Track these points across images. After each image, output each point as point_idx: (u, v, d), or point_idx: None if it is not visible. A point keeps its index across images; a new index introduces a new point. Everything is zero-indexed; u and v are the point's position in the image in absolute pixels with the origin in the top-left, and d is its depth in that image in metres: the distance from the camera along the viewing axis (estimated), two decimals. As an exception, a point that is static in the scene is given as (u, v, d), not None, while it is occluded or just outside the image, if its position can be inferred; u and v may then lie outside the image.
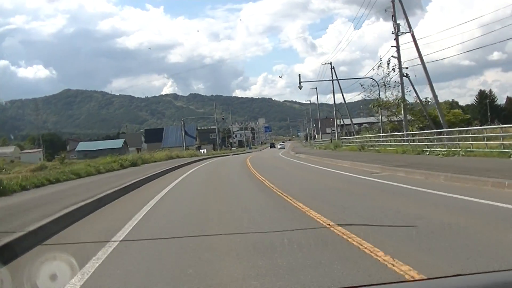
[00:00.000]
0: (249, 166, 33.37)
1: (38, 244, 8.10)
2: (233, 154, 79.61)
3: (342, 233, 7.52)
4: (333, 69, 65.50)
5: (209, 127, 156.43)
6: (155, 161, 43.84)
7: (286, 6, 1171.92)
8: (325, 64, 67.23)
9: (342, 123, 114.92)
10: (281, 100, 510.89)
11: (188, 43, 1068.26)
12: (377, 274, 5.32)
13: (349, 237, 7.14)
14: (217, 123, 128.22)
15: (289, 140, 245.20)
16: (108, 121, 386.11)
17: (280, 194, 13.83)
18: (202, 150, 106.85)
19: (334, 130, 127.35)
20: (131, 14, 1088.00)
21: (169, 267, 6.20)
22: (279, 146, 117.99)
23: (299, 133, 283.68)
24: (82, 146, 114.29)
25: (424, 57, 35.24)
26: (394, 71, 47.57)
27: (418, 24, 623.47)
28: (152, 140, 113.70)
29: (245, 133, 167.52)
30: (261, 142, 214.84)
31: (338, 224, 8.22)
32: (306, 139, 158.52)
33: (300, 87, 58.82)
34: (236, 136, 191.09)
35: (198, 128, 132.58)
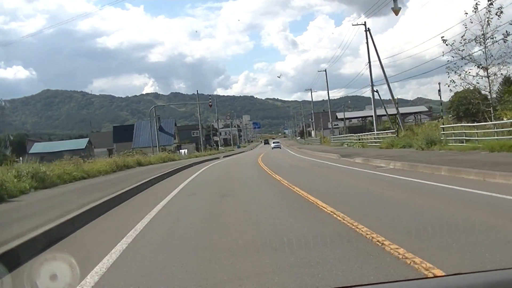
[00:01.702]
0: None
1: None
2: (224, 156, 57.16)
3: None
4: (369, 34, 43.61)
5: (192, 123, 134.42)
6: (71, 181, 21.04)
7: (267, 3, 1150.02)
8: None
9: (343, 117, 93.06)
10: (263, 98, 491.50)
11: (169, 42, 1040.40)
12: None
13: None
14: (200, 117, 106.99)
15: (276, 138, 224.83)
16: (88, 122, 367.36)
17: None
18: (182, 151, 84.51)
19: (336, 125, 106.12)
20: (111, 13, 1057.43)
21: None
22: (273, 145, 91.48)
23: (285, 130, 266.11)
24: (37, 147, 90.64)
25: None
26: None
27: (399, 20, 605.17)
28: (122, 139, 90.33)
29: (231, 131, 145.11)
30: (248, 140, 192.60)
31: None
32: (301, 136, 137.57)
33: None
34: (220, 134, 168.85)
35: (178, 124, 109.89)
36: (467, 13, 29.18)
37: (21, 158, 65.84)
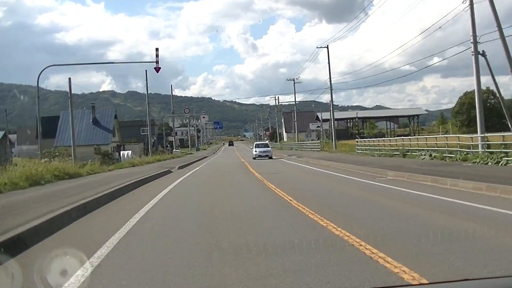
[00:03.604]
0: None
1: None
2: (181, 167, 32.03)
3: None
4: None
5: (142, 119, 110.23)
6: None
7: (228, 5, 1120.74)
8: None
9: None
10: (221, 100, 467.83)
11: (128, 41, 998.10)
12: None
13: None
14: (157, 117, 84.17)
15: (237, 140, 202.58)
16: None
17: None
18: (125, 152, 60.68)
19: (319, 127, 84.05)
20: (71, 9, 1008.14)
21: None
22: (257, 151, 46.85)
23: (246, 133, 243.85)
24: None
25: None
26: None
27: (360, 28, 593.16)
28: (49, 135, 64.95)
29: (189, 131, 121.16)
30: (207, 142, 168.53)
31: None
32: (272, 139, 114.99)
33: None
34: (176, 134, 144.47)
35: (120, 118, 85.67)
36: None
37: None
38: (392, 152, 29.45)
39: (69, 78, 34.86)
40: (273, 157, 43.73)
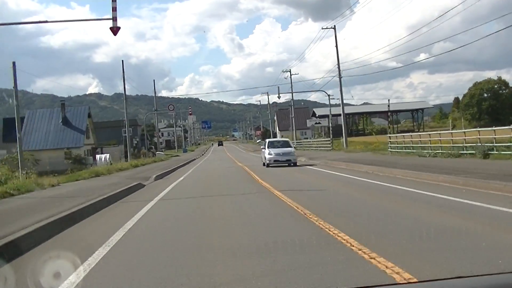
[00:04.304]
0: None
1: None
2: (158, 177, 23.30)
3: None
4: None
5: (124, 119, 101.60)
6: None
7: (213, 5, 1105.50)
8: None
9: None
10: (208, 101, 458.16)
11: (114, 43, 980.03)
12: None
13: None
14: (142, 119, 76.80)
15: (225, 140, 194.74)
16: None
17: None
18: (102, 156, 52.17)
19: (319, 123, 75.66)
20: (56, 12, 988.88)
21: None
22: (273, 154, 28.55)
23: (234, 133, 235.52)
24: None
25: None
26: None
27: (346, 25, 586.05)
28: (13, 138, 55.81)
29: (175, 131, 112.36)
30: (195, 143, 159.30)
31: None
32: (264, 138, 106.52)
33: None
34: (162, 135, 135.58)
35: (97, 118, 76.89)
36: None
37: None
38: (458, 151, 21.07)
39: (13, 62, 25.97)
40: (296, 162, 28.73)
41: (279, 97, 75.62)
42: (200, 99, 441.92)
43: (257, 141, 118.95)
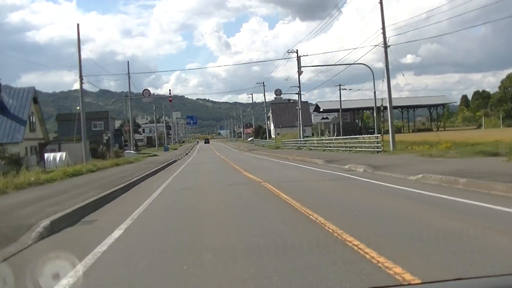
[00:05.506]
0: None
1: None
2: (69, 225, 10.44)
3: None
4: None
5: (96, 111, 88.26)
6: None
7: (201, 3, 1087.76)
8: None
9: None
10: (194, 98, 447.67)
11: (100, 39, 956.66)
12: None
13: None
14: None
15: (211, 138, 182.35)
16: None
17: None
18: (54, 155, 39.39)
19: (326, 118, 62.75)
20: (42, 7, 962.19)
21: None
22: None
23: (221, 131, 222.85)
24: None
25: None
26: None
27: (333, 25, 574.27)
28: None
29: (157, 127, 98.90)
30: (179, 141, 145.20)
31: None
32: (257, 137, 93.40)
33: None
34: (143, 132, 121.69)
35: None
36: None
37: None
38: None
39: None
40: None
41: (279, 95, 62.03)
42: (186, 97, 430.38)
43: (249, 139, 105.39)
